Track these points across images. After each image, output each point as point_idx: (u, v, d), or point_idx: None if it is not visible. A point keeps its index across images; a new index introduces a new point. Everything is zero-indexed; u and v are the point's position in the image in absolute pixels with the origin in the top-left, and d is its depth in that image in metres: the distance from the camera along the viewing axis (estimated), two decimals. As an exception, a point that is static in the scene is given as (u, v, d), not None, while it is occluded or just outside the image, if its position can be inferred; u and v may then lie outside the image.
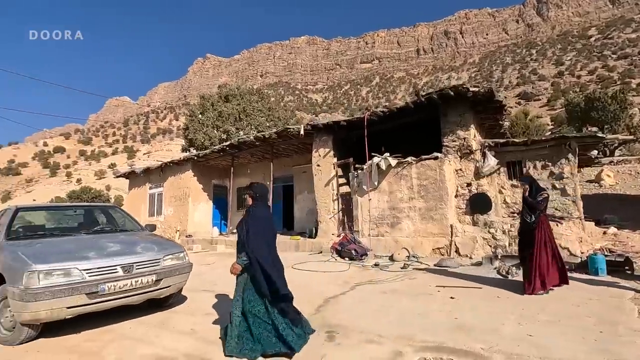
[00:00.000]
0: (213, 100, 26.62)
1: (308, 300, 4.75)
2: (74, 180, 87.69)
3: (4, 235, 3.94)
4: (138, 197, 16.00)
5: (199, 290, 5.44)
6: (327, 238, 9.43)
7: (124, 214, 5.32)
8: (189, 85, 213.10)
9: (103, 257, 3.54)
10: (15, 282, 3.15)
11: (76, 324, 3.68)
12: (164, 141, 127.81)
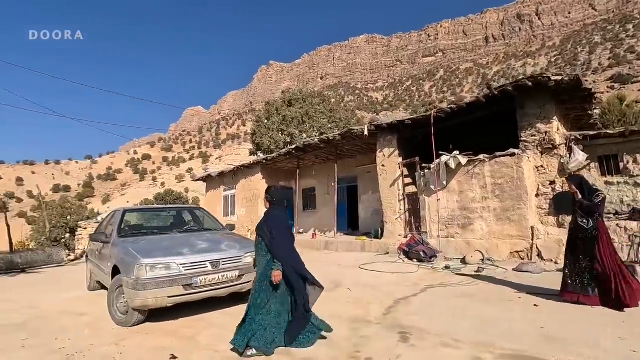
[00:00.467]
0: (277, 105, 27.84)
1: (378, 300, 4.79)
2: (158, 184, 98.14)
3: (116, 233, 4.65)
4: (214, 199, 17.40)
5: (273, 286, 5.77)
6: (394, 239, 9.32)
7: (208, 215, 5.89)
8: (254, 92, 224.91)
9: (195, 253, 3.99)
10: (128, 273, 3.71)
11: (174, 312, 4.18)
12: (233, 146, 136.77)
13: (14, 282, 8.21)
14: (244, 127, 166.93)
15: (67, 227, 23.49)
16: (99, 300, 5.30)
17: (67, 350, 3.32)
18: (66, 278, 8.17)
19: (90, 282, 5.92)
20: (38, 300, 5.62)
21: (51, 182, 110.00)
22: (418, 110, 71.26)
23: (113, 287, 4.05)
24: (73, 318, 4.46)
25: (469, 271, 6.56)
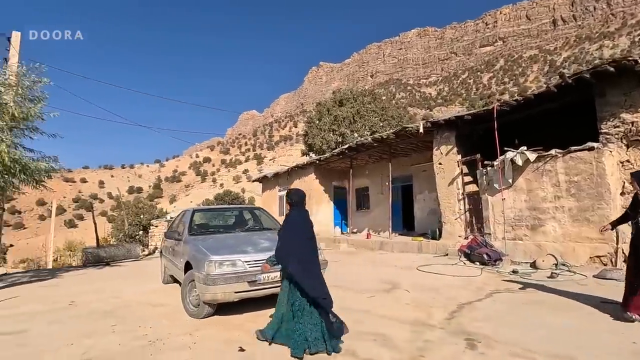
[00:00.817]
0: (328, 105, 28.04)
1: (440, 303, 4.62)
2: (218, 185, 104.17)
3: (187, 231, 5.04)
4: (270, 199, 18.05)
5: (330, 285, 5.81)
6: (453, 240, 8.91)
7: (267, 214, 6.14)
8: (305, 93, 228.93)
9: (258, 251, 4.18)
10: (199, 269, 4.00)
11: (239, 306, 4.42)
12: (285, 147, 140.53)
13: (100, 274, 9.25)
14: (296, 129, 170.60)
15: (141, 225, 25.94)
16: (173, 292, 5.78)
17: (149, 337, 3.66)
18: (143, 271, 9.01)
19: (164, 276, 6.47)
20: (121, 291, 6.26)
21: (127, 184, 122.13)
22: (476, 104, 67.22)
23: (186, 281, 4.39)
24: (152, 308, 4.92)
25: (540, 277, 6.06)
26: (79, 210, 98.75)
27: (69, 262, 20.16)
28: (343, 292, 5.45)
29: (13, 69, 8.54)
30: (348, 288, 5.69)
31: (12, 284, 7.79)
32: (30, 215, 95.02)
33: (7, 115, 7.05)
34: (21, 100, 7.55)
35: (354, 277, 6.66)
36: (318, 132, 26.12)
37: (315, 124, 27.18)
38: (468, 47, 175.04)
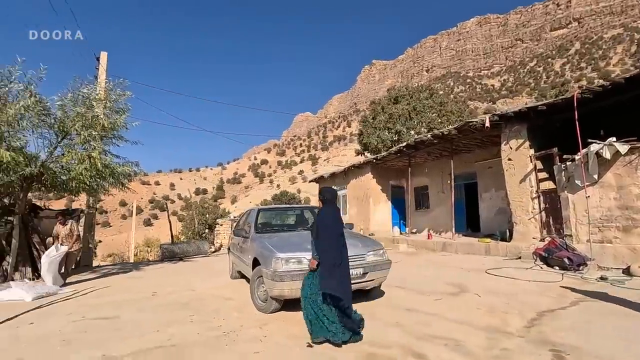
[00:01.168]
0: (383, 103, 27.55)
1: (516, 310, 4.27)
2: (274, 186, 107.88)
3: (253, 230, 5.27)
4: (326, 199, 18.21)
5: (392, 286, 5.71)
6: (526, 242, 8.21)
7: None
8: (357, 93, 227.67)
9: (322, 249, 4.23)
10: (266, 266, 4.17)
11: (303, 303, 4.51)
12: (339, 147, 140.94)
13: (175, 268, 10.08)
14: (349, 128, 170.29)
15: (207, 224, 27.81)
16: (240, 287, 6.09)
17: (223, 329, 3.90)
18: (212, 267, 9.63)
19: (232, 272, 6.85)
20: (194, 284, 6.75)
21: (193, 186, 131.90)
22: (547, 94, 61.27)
23: (254, 277, 4.60)
24: (223, 301, 5.23)
25: (636, 285, 5.32)
26: (154, 210, 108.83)
27: (147, 257, 22.33)
28: (406, 293, 5.31)
29: (102, 85, 9.68)
30: (412, 289, 5.53)
31: (104, 274, 8.81)
32: (115, 214, 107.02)
33: (99, 126, 7.98)
34: (109, 112, 8.51)
35: (418, 279, 6.44)
36: (373, 131, 25.79)
37: (370, 122, 26.87)
38: (536, 32, 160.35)
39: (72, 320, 4.44)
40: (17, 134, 7.26)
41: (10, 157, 6.16)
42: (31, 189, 8.14)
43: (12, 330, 4.13)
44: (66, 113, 7.92)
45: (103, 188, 9.02)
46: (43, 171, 7.52)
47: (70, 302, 5.57)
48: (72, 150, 7.65)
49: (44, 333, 3.95)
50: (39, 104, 7.29)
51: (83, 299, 5.81)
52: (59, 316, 4.67)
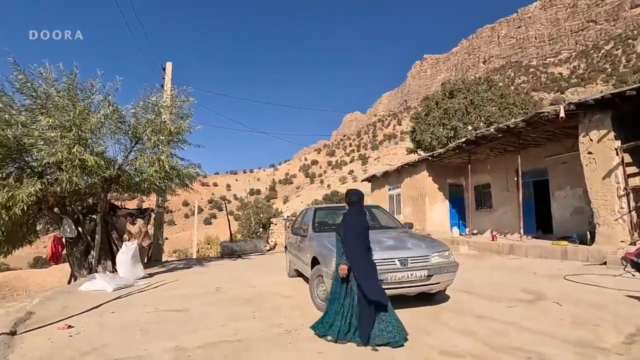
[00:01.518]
0: (437, 98, 26.39)
1: (609, 323, 3.75)
2: (325, 186, 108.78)
3: (311, 228, 5.27)
4: (379, 198, 17.87)
5: (457, 290, 5.35)
6: (612, 246, 7.27)
7: (386, 213, 6.01)
8: (408, 89, 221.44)
9: (383, 250, 4.08)
10: (326, 265, 4.11)
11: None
12: (389, 146, 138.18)
13: (234, 265, 10.51)
14: (400, 126, 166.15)
15: (261, 223, 28.82)
16: (299, 285, 6.13)
17: (285, 326, 3.92)
18: (269, 265, 9.87)
19: (290, 270, 6.93)
20: (254, 281, 6.94)
21: (248, 187, 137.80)
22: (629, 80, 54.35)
23: (313, 276, 4.58)
24: (282, 299, 5.29)
25: None
26: (212, 210, 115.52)
27: (208, 253, 23.68)
28: (475, 298, 4.94)
29: (168, 93, 10.41)
30: (480, 295, 5.14)
31: (172, 269, 9.44)
32: (178, 213, 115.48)
33: (166, 131, 8.57)
34: (175, 118, 9.11)
35: (485, 283, 5.99)
36: (427, 128, 24.82)
37: (423, 119, 25.90)
38: (613, 12, 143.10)
39: (146, 311, 4.77)
40: (98, 141, 8.06)
41: (93, 161, 6.83)
42: (110, 189, 8.98)
43: (98, 318, 4.54)
44: (138, 120, 8.62)
45: (170, 188, 9.69)
46: (120, 173, 8.26)
47: (144, 294, 6.02)
48: (143, 154, 8.30)
49: (123, 322, 4.28)
50: (115, 112, 8.02)
51: (155, 292, 6.25)
52: (135, 307, 5.05)
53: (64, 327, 4.06)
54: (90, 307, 5.06)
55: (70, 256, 8.41)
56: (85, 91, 7.98)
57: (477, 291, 5.35)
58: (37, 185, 6.55)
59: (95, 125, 7.44)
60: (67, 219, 8.06)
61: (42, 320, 4.50)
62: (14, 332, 4.00)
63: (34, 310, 5.00)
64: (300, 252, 5.58)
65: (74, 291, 6.38)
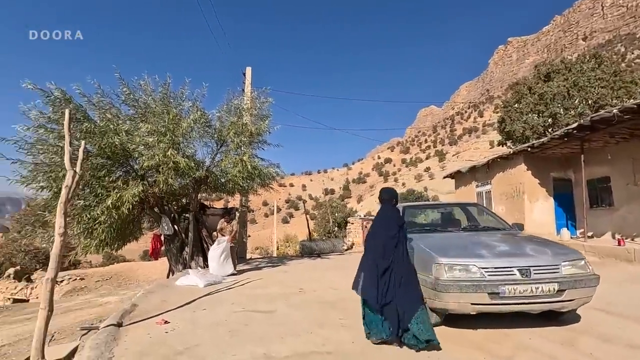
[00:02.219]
0: (530, 83, 23.36)
1: None
2: (399, 184, 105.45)
3: (401, 229, 4.75)
4: (464, 196, 16.35)
5: (590, 307, 4.33)
6: None
7: (489, 212, 5.19)
8: (490, 78, 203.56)
9: (496, 256, 3.40)
10: (425, 271, 3.57)
11: (470, 320, 3.73)
12: (470, 140, 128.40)
13: (314, 264, 10.41)
14: (481, 118, 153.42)
15: (336, 222, 28.78)
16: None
17: (378, 338, 3.48)
18: (349, 265, 9.38)
19: (374, 273, 6.46)
20: (336, 283, 6.63)
21: (322, 187, 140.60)
22: None
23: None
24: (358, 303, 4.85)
25: None
26: (289, 209, 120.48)
27: (287, 251, 24.41)
28: (618, 321, 3.92)
29: (248, 96, 10.77)
30: (624, 316, 4.07)
31: (256, 267, 9.70)
32: (259, 213, 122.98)
33: (247, 132, 8.81)
34: (255, 119, 9.34)
35: (627, 300, 4.80)
36: (518, 117, 22.11)
37: (514, 107, 23.15)
38: None
39: (234, 310, 4.76)
40: (189, 144, 8.62)
41: (184, 163, 7.25)
42: (200, 190, 9.56)
43: (191, 314, 4.66)
44: (223, 123, 9.02)
45: (252, 188, 9.98)
46: (208, 174, 8.72)
47: (231, 292, 6.13)
48: (228, 156, 8.64)
49: (213, 321, 4.29)
50: (203, 116, 8.47)
51: (242, 289, 6.33)
52: (224, 305, 5.10)
53: (161, 322, 4.20)
54: (184, 302, 5.27)
55: (168, 252, 9.13)
56: (177, 99, 8.59)
57: (617, 310, 4.27)
58: (140, 187, 7.17)
59: (186, 129, 7.93)
60: (165, 218, 8.75)
61: (144, 313, 4.77)
62: (120, 323, 4.27)
63: (137, 302, 5.38)
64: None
65: (171, 285, 6.82)
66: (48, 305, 3.54)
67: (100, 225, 7.11)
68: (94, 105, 7.83)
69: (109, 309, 10.40)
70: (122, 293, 16.63)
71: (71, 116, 6.97)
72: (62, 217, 3.77)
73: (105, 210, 6.85)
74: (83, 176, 7.25)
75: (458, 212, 5.81)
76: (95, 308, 12.56)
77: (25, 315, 13.01)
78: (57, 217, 3.79)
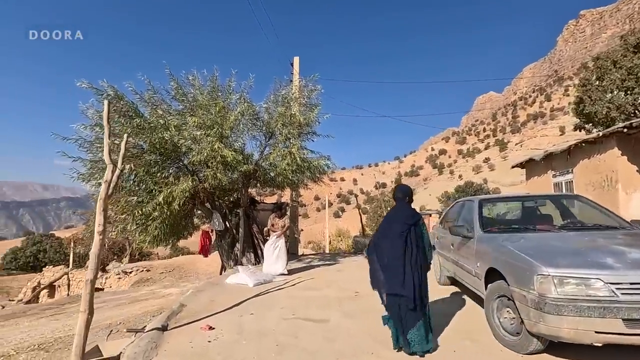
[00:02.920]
0: (615, 57, 20.17)
1: None
2: (456, 176, 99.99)
3: (478, 227, 3.89)
4: (539, 187, 14.46)
5: None
6: None
7: (595, 205, 4.11)
8: (559, 57, 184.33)
9: (630, 266, 2.48)
10: (522, 284, 2.74)
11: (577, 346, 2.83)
12: (535, 127, 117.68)
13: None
14: (548, 103, 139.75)
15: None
16: (457, 299, 4.81)
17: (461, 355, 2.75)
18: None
19: (440, 276, 5.64)
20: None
21: (373, 181, 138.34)
22: None
23: (491, 295, 3.25)
24: (441, 318, 4.07)
25: None
26: (341, 203, 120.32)
27: (339, 246, 23.92)
28: None
29: (296, 86, 10.32)
30: None
31: (308, 264, 9.25)
32: (311, 207, 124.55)
33: (296, 123, 8.34)
34: (303, 109, 8.84)
35: None
36: (600, 96, 19.19)
37: (594, 85, 20.16)
38: None
39: (284, 317, 4.29)
40: (238, 138, 8.37)
41: (231, 156, 6.98)
42: (250, 185, 9.34)
43: (237, 318, 4.27)
44: (270, 114, 8.65)
45: (302, 182, 9.54)
46: (257, 168, 8.42)
47: (281, 293, 5.70)
48: (276, 148, 8.25)
49: (260, 329, 3.85)
50: (250, 108, 8.16)
51: (292, 291, 5.88)
52: (273, 309, 4.66)
53: (206, 329, 3.86)
54: (232, 304, 4.94)
55: (220, 248, 9.05)
56: (224, 92, 8.38)
57: None
58: (189, 182, 7.04)
59: (233, 122, 7.66)
60: (216, 213, 8.64)
61: (191, 314, 4.50)
62: (165, 327, 4.00)
63: (186, 302, 5.16)
64: (461, 256, 4.26)
65: (220, 283, 6.59)
66: (88, 308, 3.32)
67: (154, 222, 7.11)
68: (146, 102, 7.87)
69: (170, 300, 10.71)
70: (183, 285, 17.38)
71: (123, 112, 7.05)
72: (101, 214, 3.54)
73: (156, 207, 6.81)
74: (137, 173, 7.34)
75: (547, 207, 4.78)
76: (158, 299, 13.16)
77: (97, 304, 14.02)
78: (96, 215, 3.57)
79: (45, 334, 7.87)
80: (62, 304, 15.23)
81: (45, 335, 7.51)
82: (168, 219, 7.37)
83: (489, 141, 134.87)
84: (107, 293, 18.53)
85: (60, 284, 21.61)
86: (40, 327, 9.23)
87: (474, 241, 3.84)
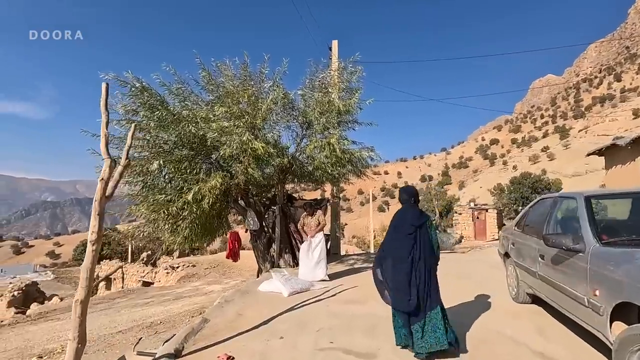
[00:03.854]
0: None
1: None
2: (509, 167, 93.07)
3: (592, 238, 2.73)
4: (622, 178, 12.26)
5: None
6: None
7: None
8: (630, 31, 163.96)
9: None
10: None
11: None
12: (603, 111, 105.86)
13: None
14: (618, 83, 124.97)
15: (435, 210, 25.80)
16: (546, 324, 3.67)
17: None
18: (469, 272, 7.29)
19: (518, 291, 4.45)
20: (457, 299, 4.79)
21: (419, 174, 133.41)
22: None
23: (629, 344, 2.13)
24: (530, 356, 3.00)
25: None
26: (385, 197, 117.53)
27: (384, 244, 22.75)
28: None
29: (334, 70, 9.37)
30: None
31: (351, 267, 8.31)
32: (354, 201, 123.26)
33: (334, 111, 7.42)
34: (343, 94, 7.89)
35: None
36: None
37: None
38: None
39: (319, 346, 3.43)
40: (272, 129, 7.65)
41: (262, 149, 6.26)
42: (286, 180, 8.61)
43: (263, 345, 3.51)
44: (307, 102, 7.82)
45: (343, 176, 8.64)
46: (292, 162, 7.66)
47: (320, 308, 4.85)
48: (313, 139, 7.42)
49: (290, 364, 3.04)
50: (285, 97, 7.39)
51: (332, 304, 5.01)
52: (307, 332, 3.83)
53: (224, 358, 3.12)
54: (261, 320, 4.19)
55: (255, 249, 8.45)
56: (256, 80, 7.69)
57: None
58: (218, 179, 6.43)
59: (265, 111, 6.94)
60: (250, 212, 8.03)
61: (212, 334, 3.84)
62: (179, 351, 3.35)
63: (209, 316, 4.50)
64: (560, 275, 3.10)
65: (252, 291, 5.91)
66: (79, 336, 2.70)
67: (183, 221, 6.62)
68: (174, 93, 7.38)
69: (212, 298, 10.42)
70: (225, 282, 17.37)
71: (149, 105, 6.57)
72: (96, 218, 2.92)
73: (185, 205, 6.29)
74: (168, 170, 6.88)
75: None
76: (200, 297, 13.06)
77: (145, 300, 14.34)
78: (91, 219, 2.95)
79: (92, 330, 7.79)
80: (113, 299, 15.85)
81: (92, 332, 7.39)
82: (199, 219, 6.86)
83: (548, 128, 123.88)
84: (154, 288, 19.15)
85: (115, 277, 22.84)
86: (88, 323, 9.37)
87: (585, 257, 2.68)
